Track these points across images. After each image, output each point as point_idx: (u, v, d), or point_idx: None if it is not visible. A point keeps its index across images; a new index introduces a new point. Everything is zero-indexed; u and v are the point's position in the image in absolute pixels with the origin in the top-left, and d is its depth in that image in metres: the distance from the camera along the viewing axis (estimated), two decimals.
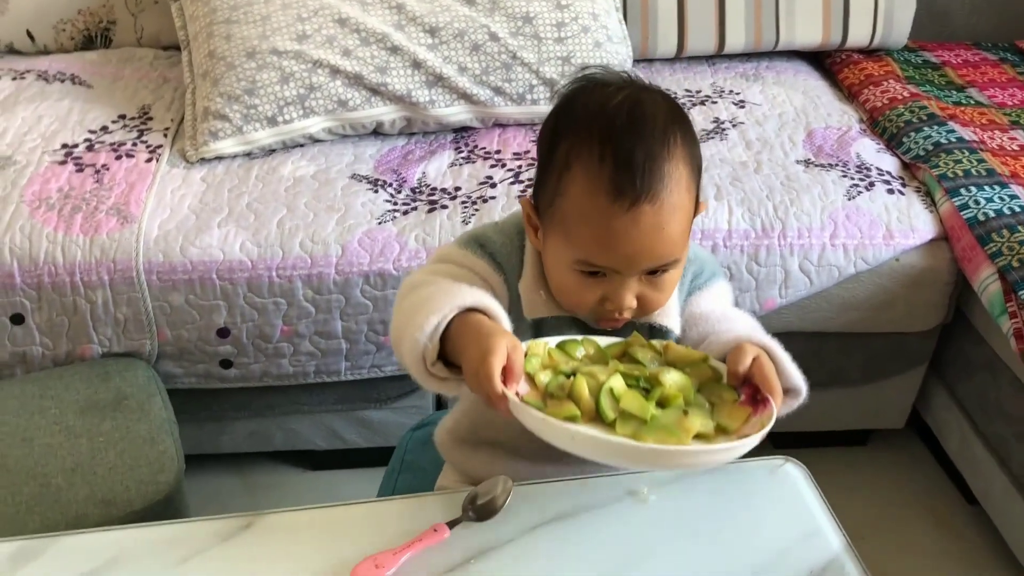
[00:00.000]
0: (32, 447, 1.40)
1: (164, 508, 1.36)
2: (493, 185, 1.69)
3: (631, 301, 0.92)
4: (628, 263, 0.89)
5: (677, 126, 0.89)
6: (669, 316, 0.99)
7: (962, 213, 1.62)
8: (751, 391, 0.88)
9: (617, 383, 0.85)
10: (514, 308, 0.98)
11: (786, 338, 1.77)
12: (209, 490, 1.86)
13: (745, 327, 0.99)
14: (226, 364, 1.64)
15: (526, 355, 0.86)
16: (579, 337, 0.93)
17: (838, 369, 1.82)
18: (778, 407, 0.86)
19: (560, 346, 0.92)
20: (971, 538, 1.81)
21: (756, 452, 1.42)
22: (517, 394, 0.82)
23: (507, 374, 0.81)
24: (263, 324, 1.59)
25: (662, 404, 0.85)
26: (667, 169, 0.87)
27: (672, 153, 0.87)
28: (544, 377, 0.86)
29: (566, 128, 0.91)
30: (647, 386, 0.87)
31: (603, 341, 0.94)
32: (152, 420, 1.46)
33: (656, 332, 1.01)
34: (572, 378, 0.86)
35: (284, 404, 1.76)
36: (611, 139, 0.86)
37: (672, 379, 0.87)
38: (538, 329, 0.99)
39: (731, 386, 0.89)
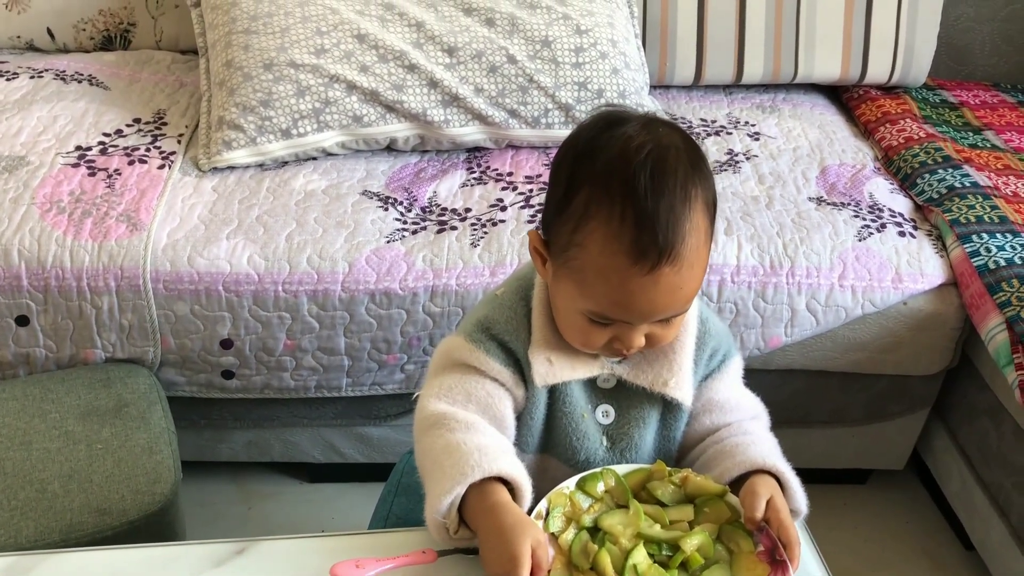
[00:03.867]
0: (30, 451, 1.40)
1: (159, 519, 1.36)
2: (503, 208, 1.69)
3: (640, 342, 0.92)
4: (643, 317, 0.90)
5: (697, 175, 0.88)
6: (682, 389, 0.99)
7: (972, 260, 1.61)
8: (769, 543, 0.89)
9: (640, 558, 0.87)
10: (528, 379, 0.98)
11: (789, 375, 1.78)
12: (205, 498, 1.86)
13: (756, 443, 0.99)
14: (228, 375, 1.64)
15: (548, 512, 0.89)
16: (598, 469, 0.95)
17: (840, 408, 1.81)
18: (796, 566, 0.87)
19: (580, 485, 0.94)
20: None
21: None
22: None
23: (534, 571, 0.82)
24: (267, 337, 1.59)
25: (684, 565, 0.89)
26: (688, 228, 0.86)
27: (693, 208, 0.86)
28: (568, 535, 0.89)
29: (586, 176, 0.88)
30: (669, 553, 0.89)
31: (622, 470, 0.96)
32: (151, 429, 1.46)
33: (670, 405, 1.01)
34: (595, 534, 0.89)
35: (284, 416, 1.76)
36: (634, 199, 0.85)
37: (693, 545, 0.89)
38: (551, 395, 0.99)
39: (748, 532, 0.91)
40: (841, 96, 2.24)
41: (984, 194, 1.76)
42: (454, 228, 1.64)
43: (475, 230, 1.64)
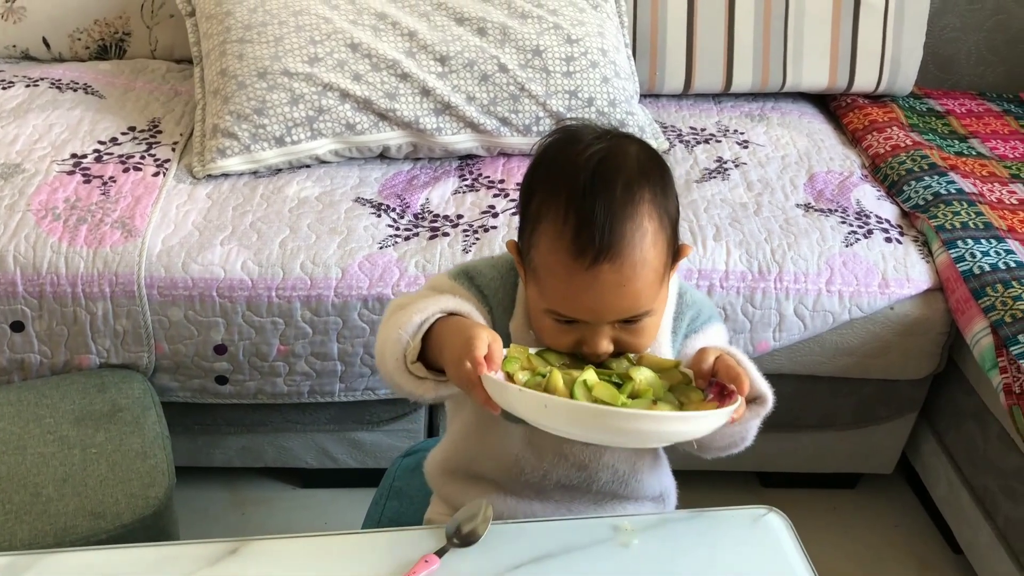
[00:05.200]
0: (25, 455, 1.41)
1: (153, 523, 1.37)
2: (495, 215, 1.71)
3: (607, 347, 0.93)
4: (593, 315, 0.91)
5: (645, 181, 0.90)
6: (660, 355, 1.00)
7: (958, 265, 1.64)
8: (718, 389, 0.91)
9: (590, 376, 0.89)
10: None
11: (777, 380, 1.78)
12: (199, 503, 1.87)
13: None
14: (222, 380, 1.65)
15: (506, 357, 0.90)
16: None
17: (828, 413, 1.83)
18: (744, 392, 0.88)
19: (539, 353, 0.95)
20: None
21: (741, 499, 1.43)
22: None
23: (487, 361, 0.83)
24: (260, 343, 1.60)
25: (634, 397, 0.89)
26: (629, 227, 0.88)
27: (637, 210, 0.88)
28: (522, 376, 0.89)
29: (538, 182, 0.93)
30: (619, 381, 0.90)
31: None
32: (145, 434, 1.47)
33: None
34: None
35: (277, 421, 1.77)
36: (574, 198, 0.88)
37: (643, 376, 0.90)
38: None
39: (699, 388, 0.92)
40: (829, 105, 2.26)
41: (969, 200, 1.78)
42: (446, 234, 1.66)
43: (467, 236, 1.65)
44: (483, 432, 1.06)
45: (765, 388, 0.96)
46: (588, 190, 0.88)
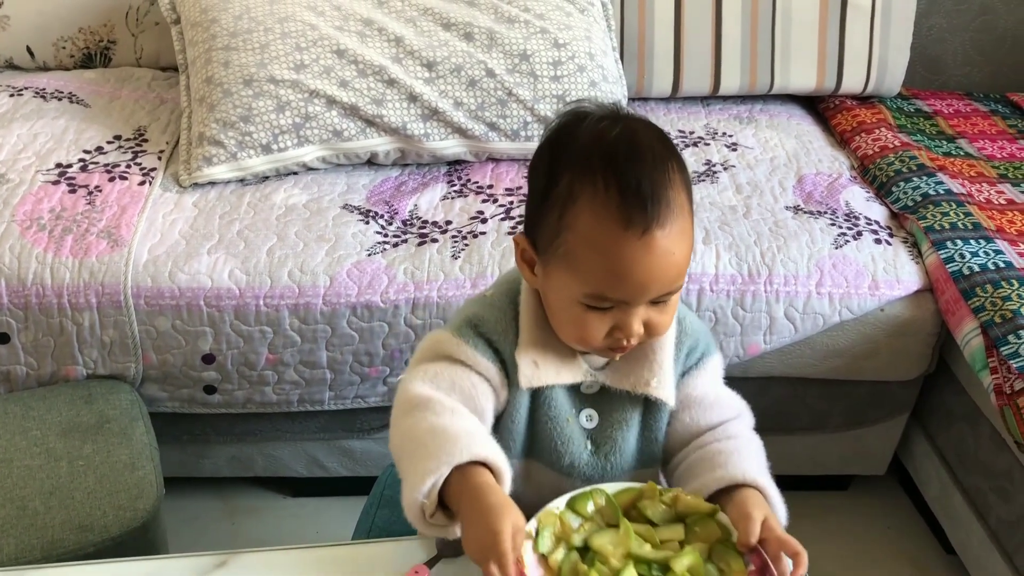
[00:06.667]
0: (11, 468, 1.39)
1: (142, 535, 1.36)
2: (484, 221, 1.70)
3: (640, 328, 0.92)
4: (640, 291, 0.89)
5: (672, 155, 0.91)
6: (664, 388, 1.00)
7: (947, 266, 1.64)
8: (759, 562, 0.89)
9: None
10: (512, 380, 0.98)
11: (769, 383, 1.79)
12: (189, 513, 1.86)
13: (739, 450, 0.99)
14: (210, 390, 1.64)
15: (538, 532, 0.89)
16: (588, 489, 0.94)
17: (820, 414, 1.82)
18: (805, 566, 0.87)
19: (570, 504, 0.93)
20: None
21: None
22: None
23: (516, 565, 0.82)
24: (248, 352, 1.59)
25: None
26: (671, 195, 0.88)
27: (672, 180, 0.88)
28: (558, 555, 0.89)
29: (565, 161, 0.91)
30: (660, 573, 0.88)
31: (612, 488, 0.95)
32: (133, 445, 1.46)
33: (652, 404, 1.01)
34: (584, 554, 0.89)
35: (266, 431, 1.76)
36: (616, 169, 0.87)
37: (684, 565, 0.88)
38: (534, 399, 0.99)
39: (739, 552, 0.90)
40: (817, 106, 2.27)
41: (958, 201, 1.78)
42: (435, 240, 1.65)
43: (456, 242, 1.65)
44: None
45: (783, 515, 0.95)
46: (627, 161, 0.87)
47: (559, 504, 0.92)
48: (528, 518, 0.87)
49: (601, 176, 0.87)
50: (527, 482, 1.03)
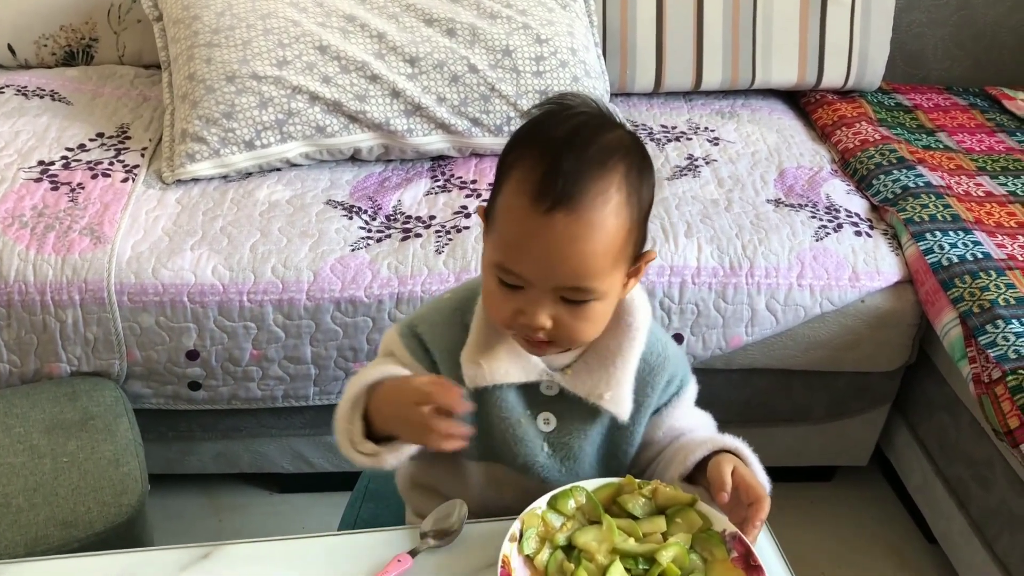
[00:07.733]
0: None
1: (126, 531, 1.36)
2: (468, 215, 1.71)
3: (544, 320, 0.90)
4: (539, 271, 0.88)
5: (625, 155, 0.89)
6: (618, 404, 0.98)
7: (927, 257, 1.65)
8: (743, 548, 0.90)
9: (618, 574, 0.88)
10: (456, 382, 0.97)
11: (751, 375, 1.80)
12: (174, 511, 1.85)
13: (713, 434, 1.02)
14: (195, 386, 1.64)
15: (522, 534, 0.90)
16: (568, 487, 0.94)
17: (803, 406, 1.84)
18: (766, 512, 0.89)
19: (552, 504, 0.93)
20: None
21: None
22: None
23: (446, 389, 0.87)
24: (233, 348, 1.59)
25: None
26: (594, 185, 0.86)
27: (607, 176, 0.87)
28: (543, 556, 0.90)
29: (518, 138, 0.92)
30: (646, 566, 0.90)
31: (591, 485, 0.95)
32: (118, 441, 1.46)
33: (617, 424, 1.00)
34: (570, 552, 0.90)
35: (252, 427, 1.76)
36: (551, 149, 0.87)
37: (669, 556, 0.89)
38: (479, 397, 0.99)
39: (722, 540, 0.91)
40: (798, 101, 2.28)
41: (937, 193, 1.80)
42: (419, 235, 1.65)
43: (439, 237, 1.65)
44: (445, 466, 1.05)
45: (765, 480, 0.96)
46: (564, 144, 0.87)
47: (541, 504, 0.93)
48: (499, 524, 0.89)
49: (538, 154, 0.87)
50: (489, 484, 1.04)
